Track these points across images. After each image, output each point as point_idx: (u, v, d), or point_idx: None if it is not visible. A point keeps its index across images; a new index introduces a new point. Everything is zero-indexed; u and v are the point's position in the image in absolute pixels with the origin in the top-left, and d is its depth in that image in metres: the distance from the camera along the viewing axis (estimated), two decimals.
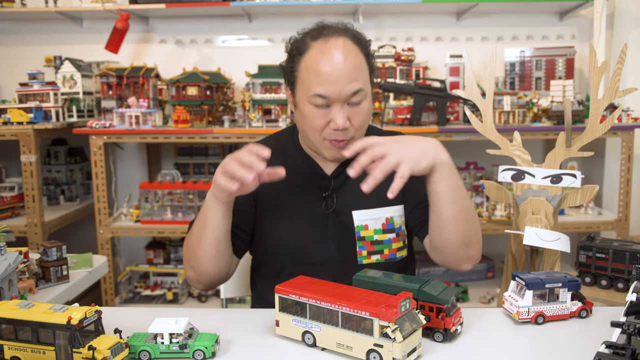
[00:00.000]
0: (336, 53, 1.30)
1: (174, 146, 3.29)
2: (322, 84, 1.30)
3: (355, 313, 1.02)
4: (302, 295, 1.09)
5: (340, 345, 1.05)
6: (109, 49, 3.04)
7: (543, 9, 3.24)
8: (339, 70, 1.29)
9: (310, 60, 1.33)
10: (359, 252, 1.47)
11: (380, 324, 0.99)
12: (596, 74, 1.49)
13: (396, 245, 1.49)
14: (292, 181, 1.44)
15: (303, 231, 1.46)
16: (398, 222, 1.49)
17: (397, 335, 0.98)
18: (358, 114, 1.35)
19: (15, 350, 1.01)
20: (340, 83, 1.30)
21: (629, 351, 0.89)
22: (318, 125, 1.35)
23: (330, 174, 1.49)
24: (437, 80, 2.89)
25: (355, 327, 1.03)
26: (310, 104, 1.34)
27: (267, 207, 1.48)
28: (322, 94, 1.31)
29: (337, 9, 3.16)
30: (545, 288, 1.22)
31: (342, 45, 1.32)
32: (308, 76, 1.33)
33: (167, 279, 3.09)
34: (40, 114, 2.70)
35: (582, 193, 1.52)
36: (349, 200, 1.48)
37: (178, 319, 1.09)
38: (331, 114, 1.33)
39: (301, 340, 1.11)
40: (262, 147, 1.20)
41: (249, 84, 2.93)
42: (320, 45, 1.32)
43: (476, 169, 3.19)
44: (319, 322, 1.08)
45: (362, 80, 1.33)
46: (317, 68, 1.31)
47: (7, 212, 2.87)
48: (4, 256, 1.24)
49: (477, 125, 1.60)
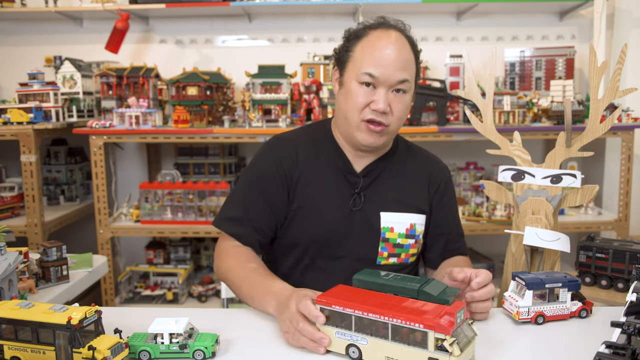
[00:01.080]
0: (393, 41, 1.40)
1: (174, 146, 3.29)
2: (375, 64, 1.39)
3: (408, 325, 0.96)
4: (348, 306, 1.03)
5: (390, 359, 1.00)
6: (109, 49, 3.04)
7: (543, 9, 3.24)
8: (393, 56, 1.39)
9: (367, 43, 1.43)
10: (380, 253, 1.50)
11: (435, 337, 0.94)
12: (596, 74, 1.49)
13: (412, 251, 1.54)
14: (324, 175, 1.51)
15: (329, 225, 1.49)
16: (419, 230, 1.54)
17: (455, 348, 0.93)
18: (400, 102, 1.42)
19: (15, 350, 1.01)
20: (391, 67, 1.38)
21: (629, 351, 0.89)
22: (360, 104, 1.41)
23: (360, 171, 1.52)
24: (437, 80, 2.89)
25: (406, 340, 0.98)
26: (357, 82, 1.41)
27: (300, 197, 1.50)
28: (373, 73, 1.39)
29: (337, 9, 3.16)
30: (545, 288, 1.22)
31: (399, 37, 1.43)
32: (362, 56, 1.41)
33: (167, 279, 3.09)
34: (40, 114, 2.69)
35: (582, 193, 1.52)
36: (375, 201, 1.51)
37: (178, 319, 1.08)
38: (375, 95, 1.40)
39: (345, 354, 1.06)
40: (316, 313, 1.08)
41: (249, 84, 2.93)
42: (379, 33, 1.43)
43: (476, 169, 3.19)
44: (365, 334, 1.02)
45: (409, 73, 1.42)
46: (372, 50, 1.40)
47: (7, 212, 2.87)
48: (4, 256, 1.24)
49: (477, 125, 1.60)
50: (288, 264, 1.52)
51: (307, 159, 1.51)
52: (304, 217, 1.49)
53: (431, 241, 1.61)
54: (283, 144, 1.55)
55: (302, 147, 1.53)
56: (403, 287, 1.13)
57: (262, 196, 1.49)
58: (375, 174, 1.53)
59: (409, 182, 1.56)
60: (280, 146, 1.55)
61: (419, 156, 1.63)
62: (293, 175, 1.49)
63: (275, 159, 1.51)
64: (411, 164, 1.59)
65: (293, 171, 1.50)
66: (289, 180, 1.49)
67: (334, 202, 1.49)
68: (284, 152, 1.52)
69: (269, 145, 1.57)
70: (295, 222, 1.50)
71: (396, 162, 1.57)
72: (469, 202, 3.00)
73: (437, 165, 1.65)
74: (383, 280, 1.16)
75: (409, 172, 1.57)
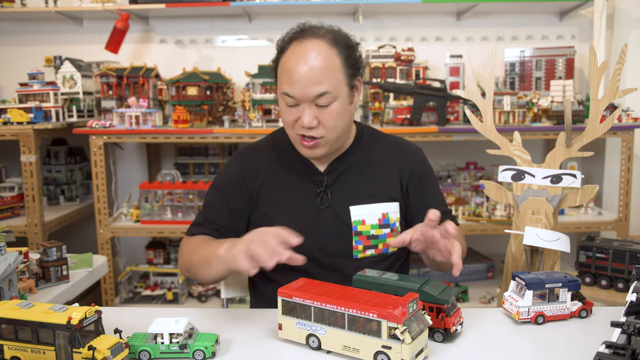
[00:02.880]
0: (305, 55, 1.36)
1: (174, 146, 3.29)
2: (289, 83, 1.37)
3: (363, 315, 1.01)
4: (307, 298, 1.08)
5: (347, 348, 1.05)
6: (109, 49, 3.04)
7: (543, 9, 3.24)
8: (303, 72, 1.35)
9: (285, 59, 1.40)
10: (355, 247, 1.49)
11: (388, 326, 0.99)
12: (596, 74, 1.49)
13: (390, 240, 1.51)
14: (288, 179, 1.51)
15: (299, 227, 1.46)
16: (393, 218, 1.52)
17: (406, 336, 0.97)
18: (327, 115, 1.39)
19: (15, 350, 1.01)
20: (303, 84, 1.35)
21: (629, 351, 0.89)
22: (289, 121, 1.42)
23: (324, 170, 1.53)
24: (437, 80, 2.89)
25: (362, 329, 1.02)
26: (282, 101, 1.41)
27: (264, 203, 1.51)
28: (288, 92, 1.38)
29: (337, 9, 3.16)
30: (545, 288, 1.22)
31: (314, 47, 1.37)
32: (281, 75, 1.41)
33: (167, 279, 3.09)
34: (40, 114, 2.69)
35: (582, 193, 1.52)
36: (344, 196, 1.51)
37: (178, 319, 1.08)
38: (300, 111, 1.39)
39: (305, 343, 1.10)
40: (290, 234, 1.16)
41: (249, 84, 2.93)
42: (293, 47, 1.39)
43: (476, 169, 3.19)
44: (324, 324, 1.07)
45: (329, 83, 1.36)
46: (286, 68, 1.38)
47: (7, 212, 2.87)
48: (4, 256, 1.24)
49: (477, 125, 1.60)
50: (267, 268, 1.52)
51: (269, 167, 1.54)
52: (272, 223, 1.46)
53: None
54: (246, 153, 1.59)
55: (264, 155, 1.56)
56: (403, 287, 1.13)
57: (224, 201, 1.52)
58: (340, 169, 1.52)
59: (376, 172, 1.54)
60: (243, 156, 1.59)
61: (385, 144, 1.61)
62: (254, 184, 1.52)
63: (237, 168, 1.55)
64: (377, 153, 1.57)
65: (254, 180, 1.52)
66: (250, 189, 1.52)
67: (299, 204, 1.50)
68: (245, 161, 1.56)
69: (234, 155, 1.62)
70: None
71: (361, 155, 1.55)
72: (469, 202, 3.00)
73: (407, 150, 1.62)
74: (383, 281, 1.17)
75: (375, 163, 1.55)
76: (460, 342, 1.14)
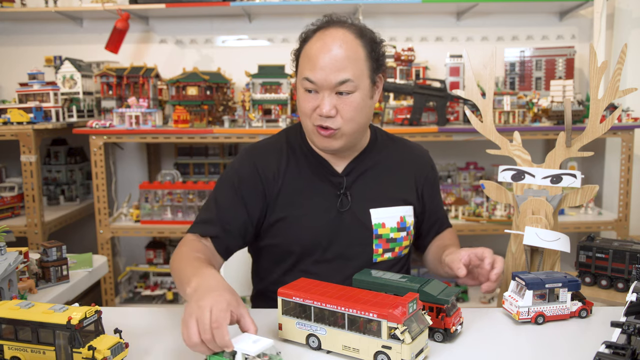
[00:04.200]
0: (330, 42, 1.35)
1: (174, 146, 3.29)
2: (311, 68, 1.35)
3: (363, 315, 1.01)
4: (307, 298, 1.08)
5: (347, 348, 1.04)
6: (109, 49, 3.04)
7: (543, 9, 3.24)
8: (328, 57, 1.33)
9: (308, 47, 1.39)
10: (375, 250, 1.48)
11: (388, 326, 0.99)
12: (596, 74, 1.49)
13: (405, 243, 1.53)
14: (305, 178, 1.48)
15: (319, 229, 1.46)
16: (409, 222, 1.53)
17: (406, 336, 0.97)
18: (347, 104, 1.36)
19: (15, 350, 1.01)
20: (326, 70, 1.33)
21: (629, 351, 0.89)
22: (307, 109, 1.38)
23: (341, 171, 1.50)
24: (437, 80, 2.89)
25: (362, 329, 1.02)
26: (302, 88, 1.39)
27: (282, 205, 1.46)
28: (310, 78, 1.35)
29: (337, 9, 3.16)
30: (545, 288, 1.22)
31: (339, 35, 1.36)
32: (302, 61, 1.39)
33: (167, 279, 3.09)
34: (40, 114, 2.69)
35: (582, 193, 1.52)
36: (363, 198, 1.49)
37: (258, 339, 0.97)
38: (319, 99, 1.36)
39: (305, 343, 1.10)
40: (228, 343, 0.96)
41: (249, 84, 2.93)
42: (320, 35, 1.38)
43: (476, 169, 3.19)
44: (324, 324, 1.07)
45: (352, 72, 1.34)
46: (309, 54, 1.37)
47: (7, 212, 2.87)
48: (4, 256, 1.24)
49: (477, 125, 1.60)
50: (279, 271, 1.49)
51: (287, 169, 1.47)
52: (290, 226, 1.45)
53: (427, 229, 1.63)
54: (260, 150, 1.51)
55: (279, 153, 1.49)
56: (403, 287, 1.13)
57: (239, 199, 1.44)
58: (358, 171, 1.50)
59: (393, 174, 1.54)
60: (256, 152, 1.50)
61: (400, 146, 1.60)
62: (273, 187, 1.45)
63: (252, 166, 1.46)
64: (394, 155, 1.57)
65: (273, 183, 1.45)
66: (267, 192, 1.45)
67: (319, 207, 1.46)
68: (260, 159, 1.48)
69: (246, 151, 1.52)
70: (281, 231, 1.46)
71: (378, 156, 1.54)
72: (469, 202, 3.00)
73: (420, 152, 1.63)
74: (383, 281, 1.17)
75: (392, 165, 1.55)
76: (460, 342, 1.14)
